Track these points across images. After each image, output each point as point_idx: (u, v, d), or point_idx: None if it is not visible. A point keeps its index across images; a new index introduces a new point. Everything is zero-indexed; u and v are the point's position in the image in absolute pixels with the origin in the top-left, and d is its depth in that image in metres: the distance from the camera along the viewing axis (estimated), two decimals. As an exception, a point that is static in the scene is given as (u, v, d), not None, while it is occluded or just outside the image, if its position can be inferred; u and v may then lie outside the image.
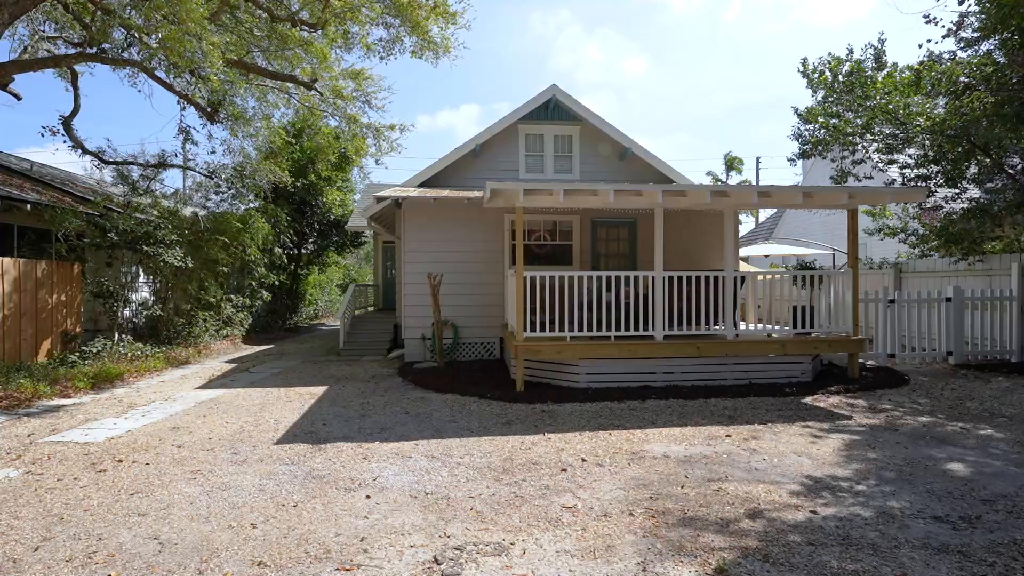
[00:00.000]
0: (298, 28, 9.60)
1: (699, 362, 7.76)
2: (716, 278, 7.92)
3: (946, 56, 8.90)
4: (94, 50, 8.12)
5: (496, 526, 3.41)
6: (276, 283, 17.12)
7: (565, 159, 12.84)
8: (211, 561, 3.00)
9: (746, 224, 30.82)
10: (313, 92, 10.42)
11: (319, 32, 10.92)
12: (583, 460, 4.71)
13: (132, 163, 10.65)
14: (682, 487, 4.06)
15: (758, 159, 39.51)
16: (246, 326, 15.49)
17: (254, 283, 15.27)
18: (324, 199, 17.54)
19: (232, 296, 14.28)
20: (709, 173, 30.89)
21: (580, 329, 7.86)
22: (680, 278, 7.92)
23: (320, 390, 8.13)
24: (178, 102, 9.82)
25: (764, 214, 30.29)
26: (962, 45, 8.63)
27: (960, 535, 3.23)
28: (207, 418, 6.44)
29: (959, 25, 6.84)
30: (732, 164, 30.24)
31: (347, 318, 14.04)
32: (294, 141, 16.28)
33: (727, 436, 5.39)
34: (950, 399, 6.95)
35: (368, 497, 3.91)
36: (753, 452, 4.89)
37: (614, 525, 3.41)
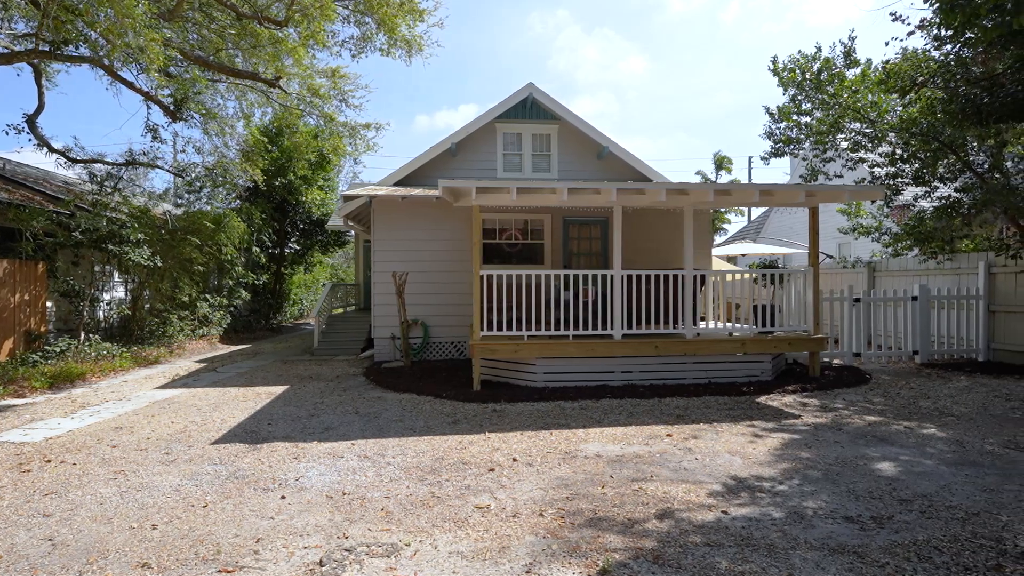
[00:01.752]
0: (264, 25, 9.54)
1: (658, 361, 7.73)
2: (675, 277, 7.88)
3: (919, 53, 8.83)
4: (47, 47, 8.07)
5: (400, 527, 3.38)
6: (256, 282, 17.09)
7: (544, 158, 12.79)
8: (97, 563, 2.96)
9: (737, 223, 30.70)
10: (277, 89, 10.34)
11: (293, 30, 10.89)
12: (514, 460, 4.68)
13: (98, 161, 10.61)
14: (603, 487, 4.02)
15: (750, 159, 39.34)
16: (224, 325, 15.45)
17: (231, 282, 15.24)
18: (304, 198, 17.49)
19: (208, 296, 14.24)
20: (699, 172, 30.66)
21: (540, 328, 7.83)
22: (639, 277, 7.89)
23: (279, 389, 8.09)
24: (142, 100, 9.76)
25: (755, 212, 30.24)
26: (934, 44, 8.58)
27: (864, 535, 3.19)
28: (155, 418, 6.40)
29: (920, 26, 6.80)
30: (721, 164, 30.03)
31: (323, 317, 14.00)
32: (270, 140, 16.22)
33: (668, 436, 5.35)
34: (905, 398, 6.92)
35: (283, 498, 3.87)
36: (688, 452, 4.85)
37: (519, 526, 3.37)
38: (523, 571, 2.81)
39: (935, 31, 7.22)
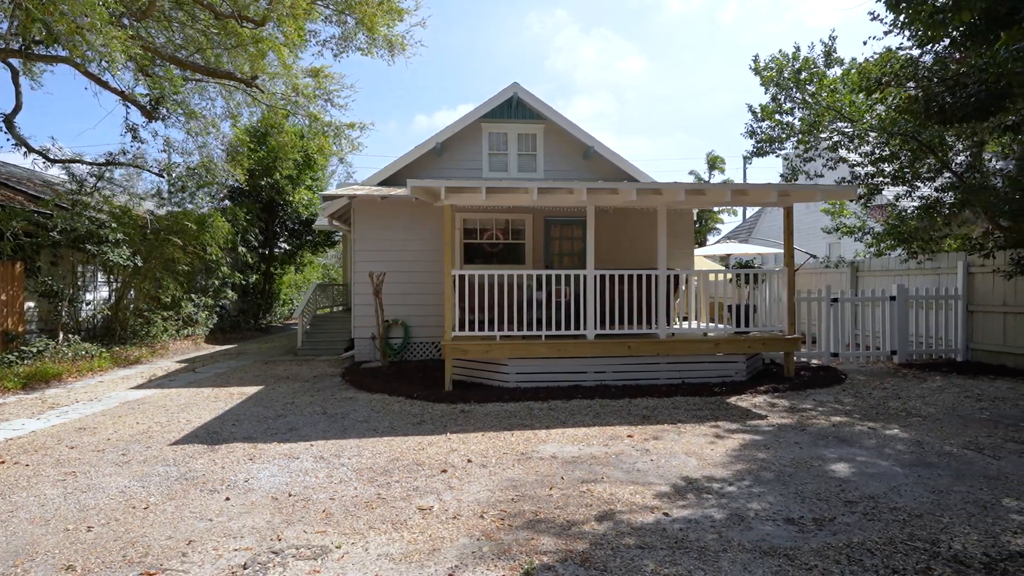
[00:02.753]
0: (244, 25, 9.52)
1: (631, 361, 7.70)
2: (649, 277, 7.86)
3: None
4: (18, 46, 8.06)
5: (337, 529, 3.36)
6: (243, 282, 17.06)
7: (529, 158, 12.75)
8: (23, 566, 2.94)
9: (730, 223, 30.70)
10: (254, 88, 10.31)
11: (273, 28, 10.88)
12: (469, 461, 4.66)
13: (77, 161, 10.59)
14: (551, 489, 4.00)
15: (744, 158, 39.34)
16: (210, 326, 15.43)
17: (217, 283, 15.21)
18: (292, 199, 17.46)
19: (193, 296, 14.22)
20: (691, 172, 30.77)
21: (514, 328, 7.81)
22: (612, 277, 7.87)
23: (253, 390, 8.07)
24: (118, 100, 9.74)
25: (749, 212, 30.21)
26: (912, 42, 8.55)
27: (800, 538, 3.17)
28: (121, 419, 6.38)
29: (895, 24, 6.77)
30: (714, 164, 30.10)
31: (308, 318, 13.99)
32: (258, 140, 16.20)
33: (629, 437, 5.33)
34: (876, 399, 6.90)
35: (228, 499, 3.85)
36: (645, 452, 4.83)
37: (456, 528, 3.35)
38: (446, 574, 2.79)
39: (907, 31, 7.21)
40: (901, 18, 5.40)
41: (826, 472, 4.30)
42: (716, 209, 29.13)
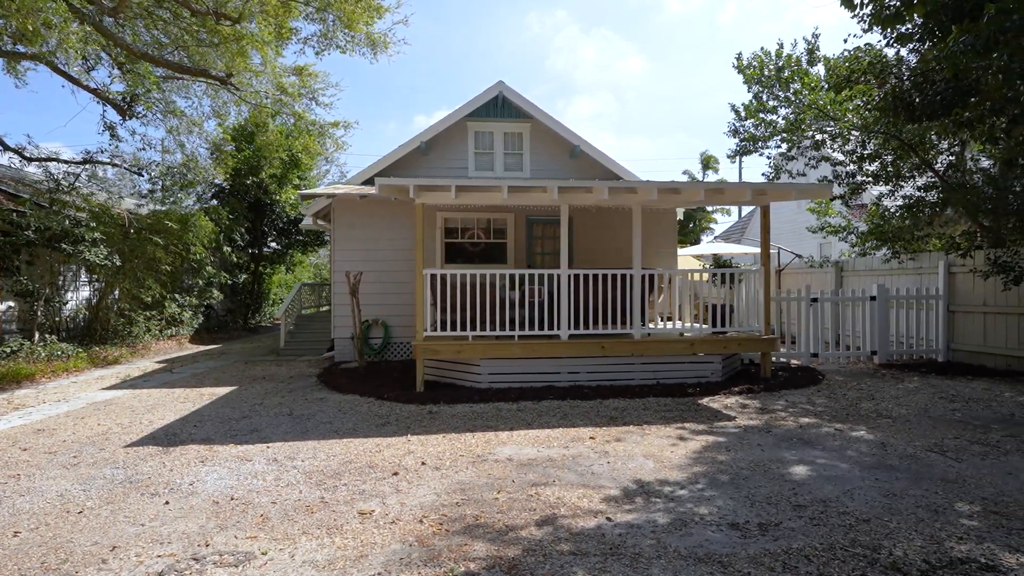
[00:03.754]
0: (221, 23, 9.44)
1: (605, 362, 7.63)
2: (624, 277, 7.78)
3: (873, 50, 8.73)
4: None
5: (269, 534, 3.28)
6: (229, 282, 16.98)
7: (516, 157, 12.66)
8: (-63, 572, 2.86)
9: (723, 223, 30.59)
10: (229, 87, 10.23)
11: (255, 26, 10.79)
12: (423, 464, 4.58)
13: (54, 159, 10.51)
14: (499, 492, 3.92)
15: (729, 157, 39.25)
16: (195, 325, 15.35)
17: (202, 282, 15.13)
18: (279, 198, 17.38)
19: (177, 296, 14.14)
20: (685, 172, 30.68)
21: (487, 328, 7.73)
22: (586, 276, 7.79)
23: (225, 390, 7.99)
24: (93, 98, 9.66)
25: (744, 211, 30.10)
26: (883, 40, 8.48)
27: (740, 543, 3.10)
28: (83, 420, 6.30)
29: (862, 20, 6.70)
30: (708, 163, 30.06)
31: (291, 317, 13.91)
32: (245, 139, 16.11)
33: (591, 438, 5.25)
34: (849, 399, 6.82)
35: (167, 503, 3.78)
36: (604, 455, 4.75)
37: (392, 533, 3.28)
38: (367, 581, 2.72)
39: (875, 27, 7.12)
40: (866, 12, 5.32)
41: (783, 475, 4.22)
42: (710, 209, 29.07)
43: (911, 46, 6.04)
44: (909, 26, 5.35)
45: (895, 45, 6.64)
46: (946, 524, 3.33)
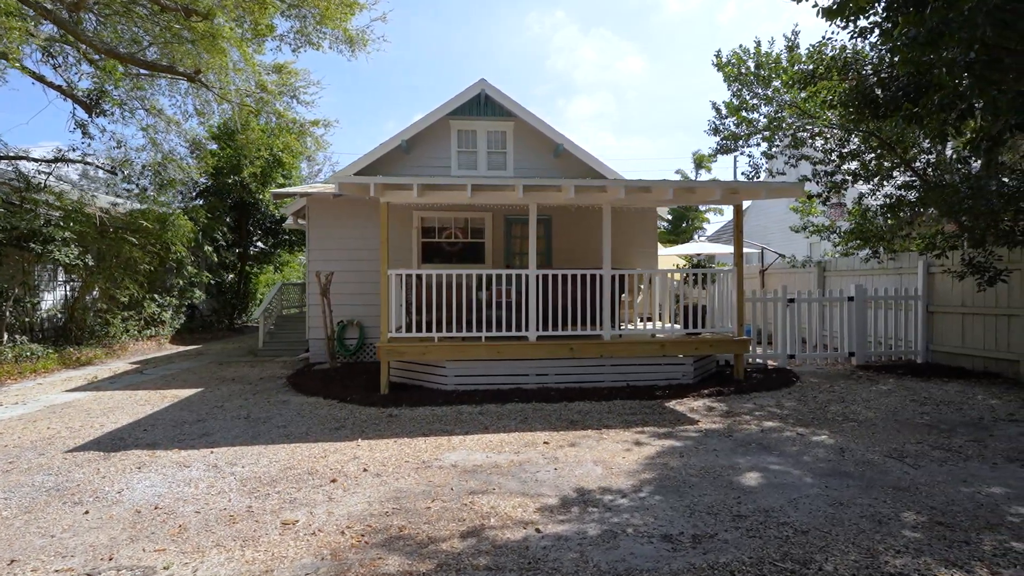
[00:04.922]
0: (189, 18, 9.30)
1: (574, 364, 7.49)
2: (593, 277, 7.65)
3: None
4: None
5: (180, 547, 3.15)
6: (212, 281, 16.85)
7: (499, 156, 12.50)
8: None
9: (715, 223, 30.44)
10: (199, 84, 10.10)
11: (229, 22, 10.65)
12: (365, 470, 4.45)
13: (23, 158, 10.38)
14: (433, 501, 3.79)
15: (735, 157, 39.10)
16: (176, 326, 15.22)
17: (183, 282, 15.00)
18: (263, 197, 17.25)
19: (157, 296, 14.01)
20: (678, 171, 30.52)
21: (457, 329, 7.60)
22: (555, 277, 7.66)
23: (189, 392, 7.86)
24: (59, 95, 9.52)
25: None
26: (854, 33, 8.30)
27: (667, 557, 2.96)
28: (35, 423, 6.17)
29: (824, 13, 6.55)
30: (701, 162, 29.84)
31: (271, 318, 13.79)
32: (229, 137, 15.97)
33: (545, 443, 5.12)
34: (819, 402, 6.68)
35: (86, 513, 3.64)
36: (553, 461, 4.62)
37: (308, 545, 3.15)
38: (263, 599, 2.59)
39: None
40: (820, 6, 5.18)
41: (732, 482, 4.09)
42: (702, 208, 28.93)
43: (871, 40, 5.92)
44: (865, 21, 5.22)
45: (855, 39, 6.53)
46: (887, 536, 3.20)
